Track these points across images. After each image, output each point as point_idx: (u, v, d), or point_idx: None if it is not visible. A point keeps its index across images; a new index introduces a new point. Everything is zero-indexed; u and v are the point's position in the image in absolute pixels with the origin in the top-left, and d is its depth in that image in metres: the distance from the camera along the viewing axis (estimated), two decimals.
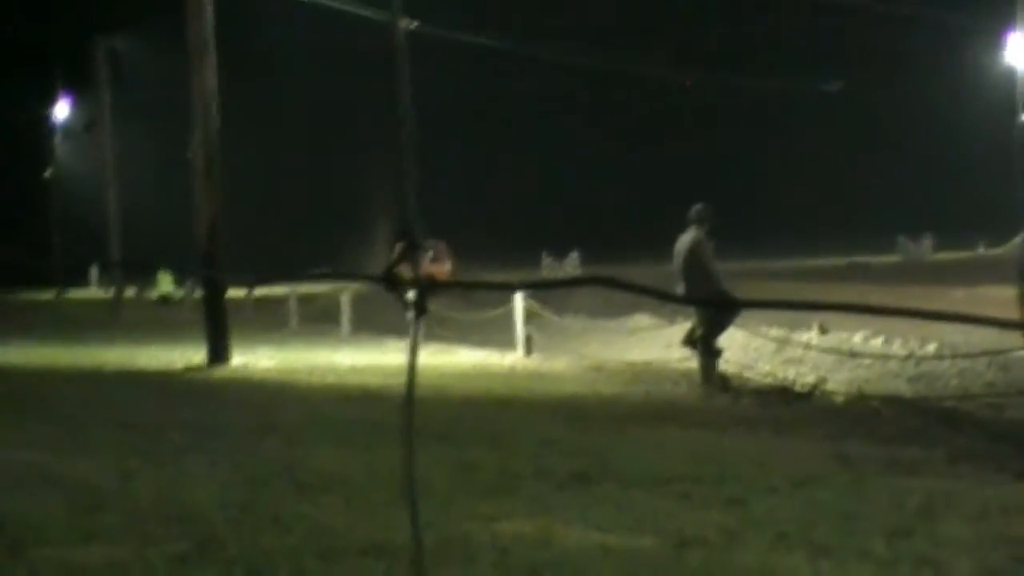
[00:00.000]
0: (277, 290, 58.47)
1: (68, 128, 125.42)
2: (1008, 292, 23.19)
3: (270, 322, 52.18)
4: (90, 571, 12.99)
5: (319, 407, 28.13)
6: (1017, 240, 24.28)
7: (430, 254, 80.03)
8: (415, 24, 46.57)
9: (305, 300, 58.59)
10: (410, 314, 2.15)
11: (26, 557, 13.48)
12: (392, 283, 2.14)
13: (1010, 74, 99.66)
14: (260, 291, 62.16)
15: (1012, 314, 21.73)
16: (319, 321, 53.75)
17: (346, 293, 53.81)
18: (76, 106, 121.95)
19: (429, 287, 2.09)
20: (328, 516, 14.95)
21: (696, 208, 30.61)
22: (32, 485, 17.45)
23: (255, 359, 38.77)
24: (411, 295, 2.17)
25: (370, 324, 49.82)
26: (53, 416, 27.15)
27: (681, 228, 31.09)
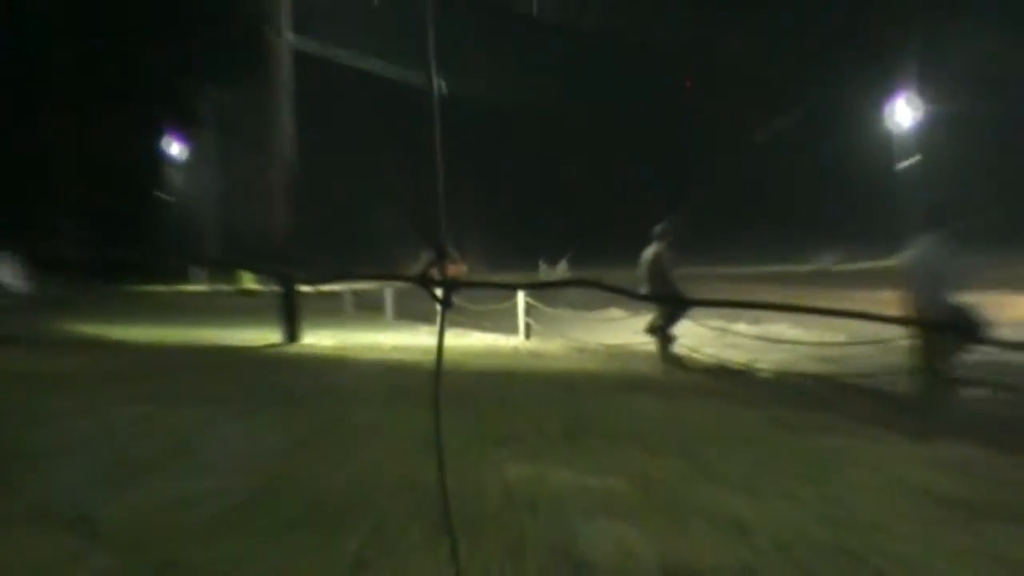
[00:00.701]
0: (335, 286, 58.72)
1: (177, 158, 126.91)
2: (893, 296, 23.33)
3: (330, 311, 52.22)
4: (186, 499, 13.17)
5: (366, 376, 28.30)
6: (900, 255, 24.37)
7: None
8: (446, 89, 46.06)
9: (358, 294, 58.81)
10: (439, 307, 2.22)
11: (137, 486, 13.67)
12: (425, 283, 2.23)
13: (889, 134, 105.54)
14: (326, 287, 63.04)
15: (894, 312, 22.01)
16: (368, 310, 53.81)
17: (389, 289, 54.17)
18: (183, 141, 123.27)
19: (453, 286, 2.21)
20: (373, 460, 15.11)
21: (658, 227, 31.26)
22: (145, 432, 17.71)
23: (319, 339, 38.93)
24: (439, 292, 2.27)
25: (407, 313, 49.88)
26: (162, 378, 27.43)
27: (646, 242, 31.82)
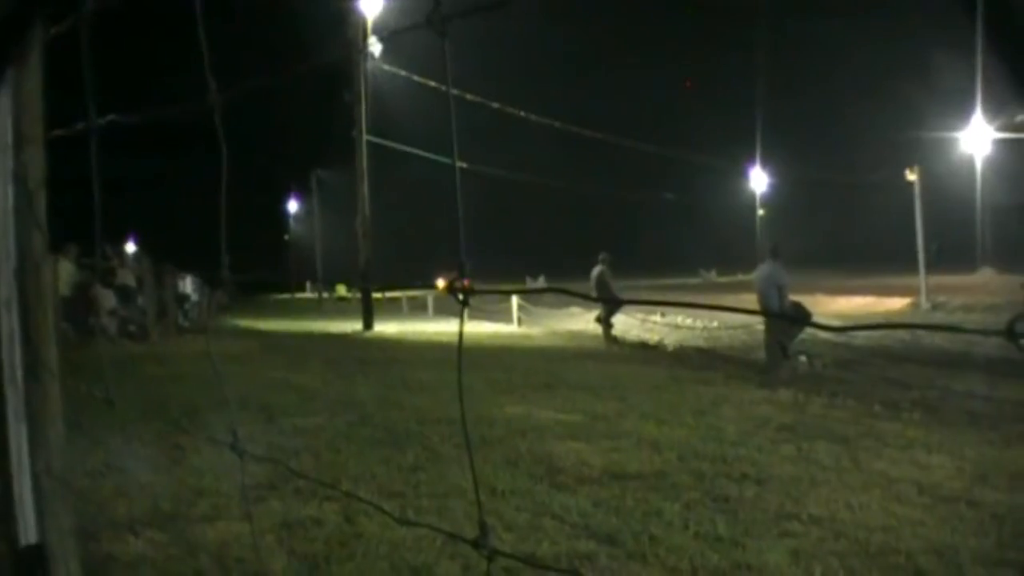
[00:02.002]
0: (396, 293, 58.81)
1: (295, 213, 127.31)
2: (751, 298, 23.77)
3: (394, 310, 52.36)
4: (308, 429, 13.49)
5: (418, 351, 28.54)
6: (754, 272, 24.59)
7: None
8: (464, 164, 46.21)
9: (411, 299, 58.85)
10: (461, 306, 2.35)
11: (277, 422, 13.90)
12: (452, 291, 2.37)
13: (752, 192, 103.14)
14: (389, 294, 63.40)
15: (752, 307, 22.33)
16: (417, 309, 53.83)
17: (430, 295, 54.38)
18: (299, 201, 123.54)
19: (469, 293, 2.36)
20: (422, 404, 15.39)
21: (601, 255, 31.66)
22: (280, 388, 17.91)
23: (385, 328, 39.12)
24: (460, 296, 2.39)
25: (443, 311, 49.92)
26: (290, 354, 27.77)
27: (593, 264, 32.41)
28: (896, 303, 47.58)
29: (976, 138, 51.90)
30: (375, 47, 42.04)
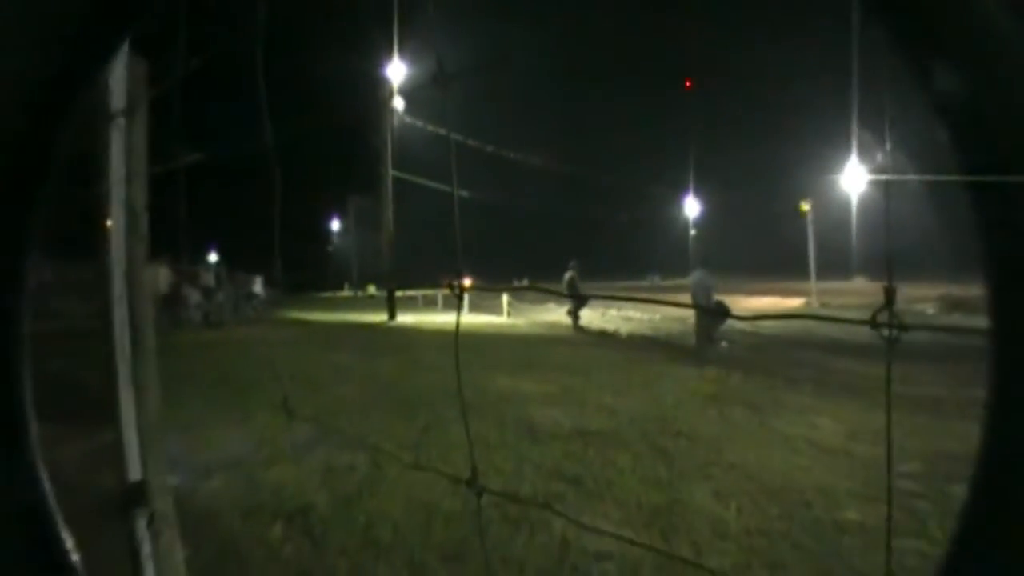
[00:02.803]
0: (411, 292, 58.75)
1: (335, 230, 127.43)
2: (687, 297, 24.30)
3: (410, 304, 52.28)
4: (344, 397, 13.58)
5: (429, 336, 28.49)
6: (689, 277, 24.93)
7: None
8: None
9: (425, 296, 58.80)
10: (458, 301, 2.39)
11: (320, 391, 13.98)
12: (452, 288, 2.42)
13: (686, 218, 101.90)
14: (409, 292, 63.42)
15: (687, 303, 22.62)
16: (430, 304, 53.70)
17: (440, 293, 54.21)
18: (339, 220, 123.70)
19: (463, 290, 2.41)
20: (433, 378, 15.40)
21: (572, 262, 31.87)
22: (322, 365, 17.99)
23: (405, 319, 39.06)
24: (457, 293, 2.44)
25: (450, 305, 49.87)
26: (330, 338, 27.75)
27: (565, 269, 32.55)
28: (794, 302, 48.59)
29: (851, 178, 52.39)
30: (399, 104, 42.89)
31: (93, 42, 1.75)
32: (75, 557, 1.82)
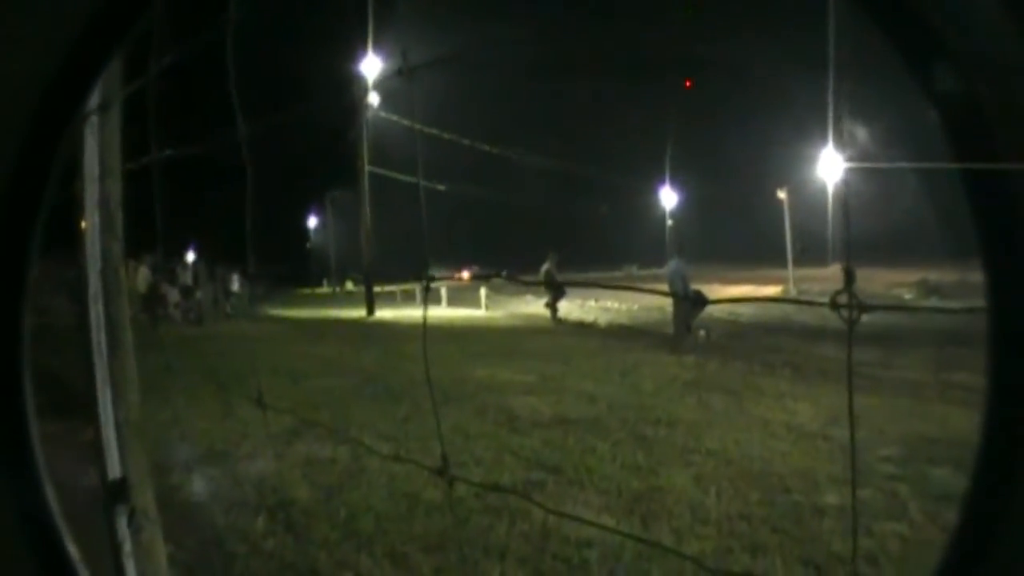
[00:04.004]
0: (390, 287, 58.75)
1: (313, 227, 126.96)
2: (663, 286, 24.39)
3: (388, 300, 52.30)
4: (324, 389, 13.61)
5: (407, 330, 28.54)
6: (666, 266, 24.91)
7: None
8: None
9: (404, 291, 58.68)
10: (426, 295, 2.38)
11: (301, 383, 13.98)
12: (425, 282, 2.41)
13: (663, 208, 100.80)
14: (386, 287, 63.39)
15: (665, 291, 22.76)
16: (409, 299, 53.67)
17: (418, 287, 53.91)
18: (317, 216, 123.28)
19: (431, 283, 2.40)
20: (411, 369, 15.40)
21: (550, 254, 31.86)
22: (303, 358, 18.01)
23: (383, 313, 39.08)
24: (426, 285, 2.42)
25: (429, 300, 49.80)
26: (310, 333, 27.84)
27: (543, 260, 32.48)
28: (771, 290, 48.20)
29: (827, 166, 52.63)
30: (374, 99, 42.77)
31: (94, 47, 1.75)
32: (77, 560, 1.83)
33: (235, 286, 44.45)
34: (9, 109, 1.69)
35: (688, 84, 50.98)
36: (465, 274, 42.75)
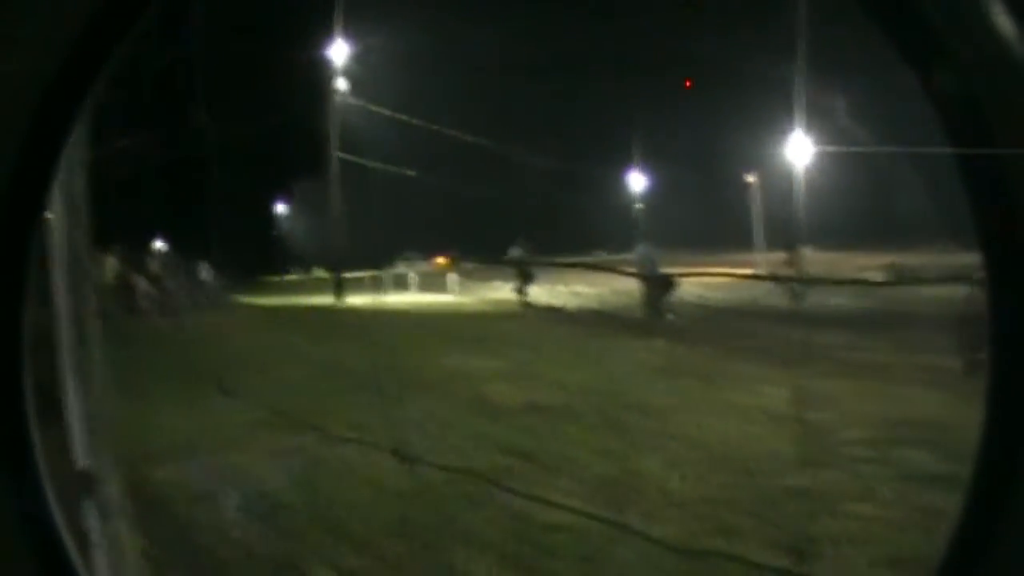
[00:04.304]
0: (360, 274, 58.55)
1: (282, 213, 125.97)
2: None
3: (359, 287, 52.20)
4: (292, 378, 13.66)
5: (376, 317, 28.39)
6: (635, 250, 25.21)
7: None
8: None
9: (372, 277, 58.40)
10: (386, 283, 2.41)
11: (269, 373, 13.99)
12: (387, 270, 2.45)
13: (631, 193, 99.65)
14: (356, 274, 62.86)
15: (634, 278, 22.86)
16: (377, 286, 53.54)
17: (385, 274, 53.87)
18: (286, 203, 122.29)
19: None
20: (377, 357, 15.37)
21: (519, 239, 31.95)
22: (271, 347, 18.05)
23: (354, 301, 39.15)
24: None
25: (398, 286, 49.79)
26: (279, 321, 27.86)
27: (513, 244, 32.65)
28: (741, 273, 48.47)
29: (796, 150, 52.46)
30: (342, 85, 42.79)
31: (94, 47, 1.75)
32: (77, 560, 1.83)
33: (204, 275, 44.35)
34: (9, 109, 1.69)
35: (688, 84, 49.81)
36: (441, 259, 42.83)
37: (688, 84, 45.23)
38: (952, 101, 1.41)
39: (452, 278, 41.73)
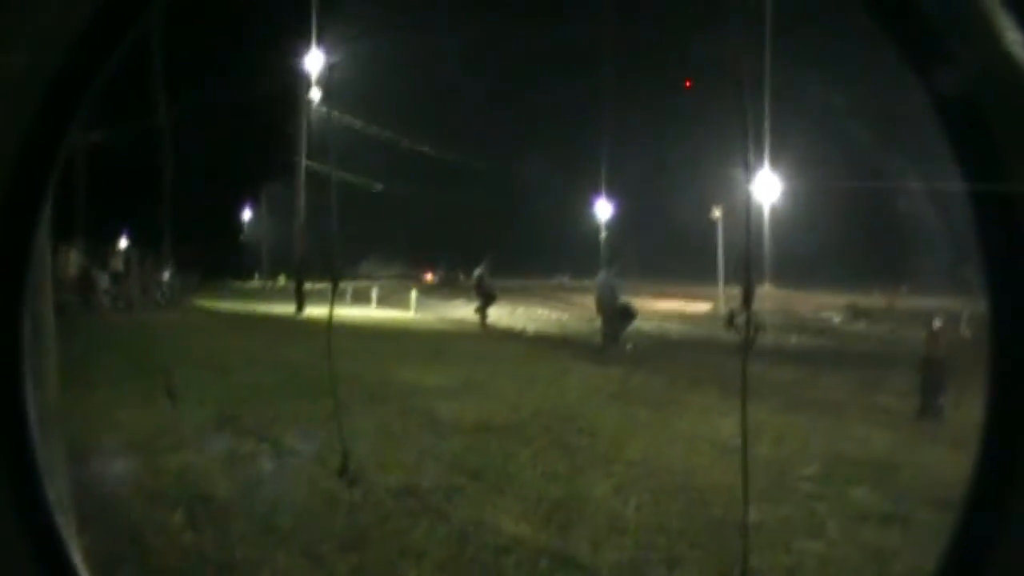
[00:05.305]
0: (320, 284, 58.22)
1: (247, 220, 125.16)
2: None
3: (319, 296, 51.91)
4: (250, 384, 13.62)
5: (336, 328, 28.47)
6: (595, 278, 25.40)
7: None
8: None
9: (339, 289, 58.20)
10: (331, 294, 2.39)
11: (228, 377, 13.95)
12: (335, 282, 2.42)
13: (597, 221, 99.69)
14: (319, 285, 62.64)
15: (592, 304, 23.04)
16: (340, 298, 53.36)
17: (350, 286, 53.68)
18: (252, 209, 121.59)
19: (338, 282, 2.40)
20: (336, 367, 15.33)
21: (485, 259, 31.90)
22: (231, 352, 18.00)
23: (313, 311, 39.02)
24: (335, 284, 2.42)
25: (359, 299, 49.64)
26: (240, 326, 27.82)
27: (476, 265, 32.54)
28: (701, 307, 48.55)
29: (762, 189, 52.69)
30: (316, 95, 42.84)
31: (95, 46, 1.73)
32: (77, 560, 1.81)
33: (166, 275, 44.29)
34: (9, 109, 1.68)
35: (688, 84, 48.99)
36: (429, 276, 43.11)
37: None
38: (952, 103, 1.41)
39: (413, 295, 41.75)
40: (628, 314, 20.54)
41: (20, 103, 1.69)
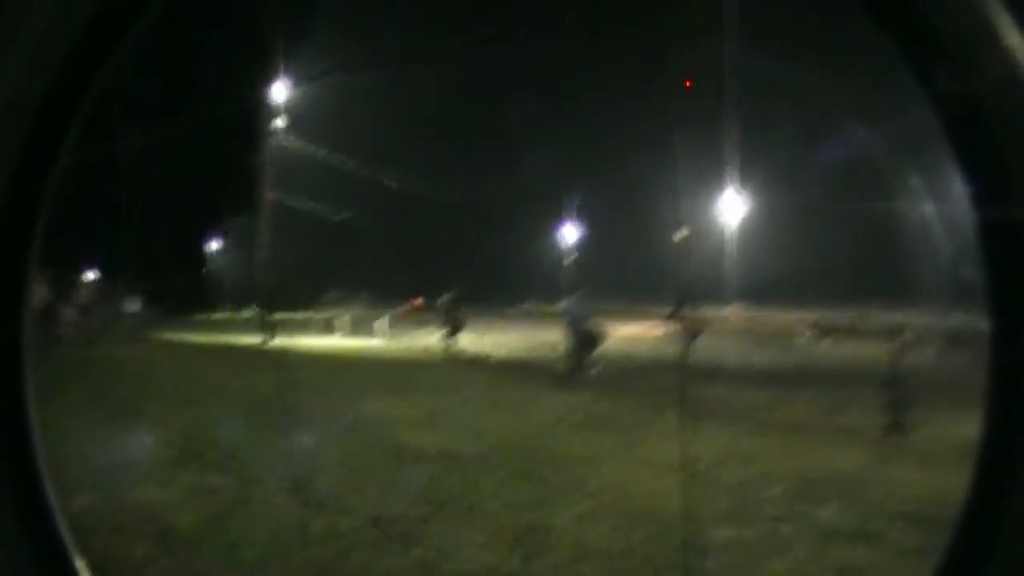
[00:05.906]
0: (290, 315, 58.31)
1: (213, 250, 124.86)
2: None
3: (289, 327, 51.94)
4: (215, 416, 13.59)
5: (300, 359, 28.41)
6: (564, 301, 25.60)
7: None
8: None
9: (305, 319, 58.34)
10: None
11: (192, 408, 13.92)
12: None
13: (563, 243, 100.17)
14: (285, 315, 62.57)
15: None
16: (309, 327, 53.42)
17: (317, 316, 53.64)
18: (219, 239, 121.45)
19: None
20: (300, 400, 15.31)
21: (453, 286, 32.10)
22: (196, 383, 17.95)
23: (282, 342, 38.98)
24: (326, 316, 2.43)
25: (327, 329, 49.72)
26: (205, 358, 27.71)
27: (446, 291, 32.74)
28: (668, 329, 48.61)
29: (727, 211, 52.92)
30: (281, 125, 42.89)
31: (95, 48, 1.74)
32: (77, 560, 1.81)
33: (133, 307, 44.22)
34: (9, 110, 1.68)
35: (688, 84, 48.28)
36: (417, 302, 43.18)
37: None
38: (952, 104, 1.42)
39: (381, 323, 41.72)
40: (594, 339, 20.55)
41: (19, 105, 1.71)
